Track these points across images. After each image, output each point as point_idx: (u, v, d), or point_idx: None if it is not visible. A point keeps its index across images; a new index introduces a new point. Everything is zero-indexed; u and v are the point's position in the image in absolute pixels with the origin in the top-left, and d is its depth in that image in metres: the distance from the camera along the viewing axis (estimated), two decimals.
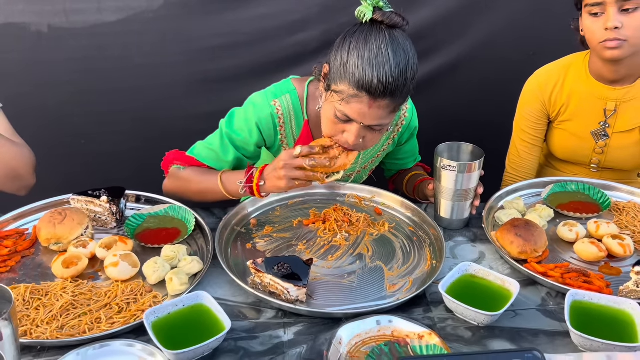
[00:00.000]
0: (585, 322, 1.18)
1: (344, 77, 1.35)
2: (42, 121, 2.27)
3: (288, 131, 1.62)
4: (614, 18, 1.57)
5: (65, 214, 1.44)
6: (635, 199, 1.69)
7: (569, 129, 1.85)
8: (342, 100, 1.36)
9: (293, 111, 1.60)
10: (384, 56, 1.30)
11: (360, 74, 1.31)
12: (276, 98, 1.58)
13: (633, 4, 1.56)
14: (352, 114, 1.37)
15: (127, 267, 1.32)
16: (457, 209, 1.55)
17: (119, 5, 2.16)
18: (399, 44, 1.32)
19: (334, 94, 1.39)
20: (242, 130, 1.59)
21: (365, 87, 1.32)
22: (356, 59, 1.32)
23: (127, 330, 1.18)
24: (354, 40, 1.33)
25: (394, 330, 1.19)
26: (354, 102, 1.35)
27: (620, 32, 1.58)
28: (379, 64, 1.30)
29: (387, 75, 1.30)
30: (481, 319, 1.21)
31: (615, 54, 1.61)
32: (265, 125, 1.59)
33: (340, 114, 1.39)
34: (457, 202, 1.54)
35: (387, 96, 1.33)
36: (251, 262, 1.30)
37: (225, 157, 1.60)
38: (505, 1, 2.28)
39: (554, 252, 1.48)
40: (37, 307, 1.22)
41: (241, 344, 1.18)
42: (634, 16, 1.57)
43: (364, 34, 1.33)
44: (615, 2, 1.56)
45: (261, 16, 2.22)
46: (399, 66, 1.31)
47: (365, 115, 1.37)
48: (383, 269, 1.41)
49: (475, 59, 2.37)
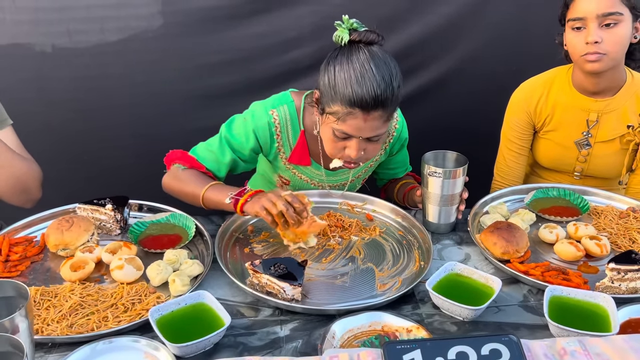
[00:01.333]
0: (563, 315, 1.25)
1: (335, 98, 1.45)
2: (46, 137, 2.34)
3: (285, 140, 1.71)
4: (594, 33, 1.66)
5: (72, 221, 1.52)
6: (613, 203, 1.78)
7: (553, 139, 1.94)
8: (338, 119, 1.47)
9: (290, 121, 1.69)
10: (368, 72, 1.41)
11: (350, 93, 1.42)
12: (274, 108, 1.68)
13: (612, 19, 1.65)
14: (350, 131, 1.48)
15: (131, 269, 1.40)
16: (443, 213, 1.64)
17: (120, 26, 2.25)
18: (379, 58, 1.43)
19: (329, 116, 1.50)
20: (240, 135, 1.68)
21: (357, 104, 1.42)
22: (343, 80, 1.43)
23: (133, 327, 1.25)
24: (337, 63, 1.45)
25: (384, 325, 1.27)
26: (350, 119, 1.46)
27: (600, 46, 1.67)
28: (365, 80, 1.41)
29: (375, 88, 1.41)
30: (466, 313, 1.29)
31: (595, 66, 1.71)
32: (262, 133, 1.68)
33: (339, 133, 1.50)
34: (443, 206, 1.62)
35: (379, 107, 1.43)
36: (249, 264, 1.37)
37: (223, 158, 1.69)
38: (490, 19, 2.38)
39: (535, 253, 1.56)
40: (47, 308, 1.29)
41: (240, 340, 1.25)
42: (613, 31, 1.66)
43: (346, 55, 1.44)
44: (596, 18, 1.65)
45: (257, 34, 2.31)
46: (383, 78, 1.42)
47: (362, 129, 1.47)
48: (374, 270, 1.49)
49: (462, 74, 2.46)
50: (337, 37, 1.47)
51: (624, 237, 1.60)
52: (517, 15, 2.38)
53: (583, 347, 1.01)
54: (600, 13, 1.64)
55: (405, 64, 2.44)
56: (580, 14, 1.67)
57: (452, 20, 2.38)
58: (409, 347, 0.94)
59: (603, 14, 1.64)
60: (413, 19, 2.38)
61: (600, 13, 1.64)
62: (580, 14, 1.67)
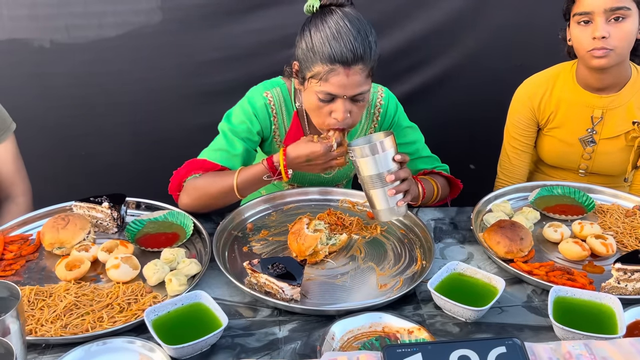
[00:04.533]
0: (568, 316, 1.22)
1: (314, 59, 1.47)
2: (44, 133, 2.33)
3: (280, 122, 1.72)
4: (602, 28, 1.63)
5: (68, 220, 1.49)
6: (619, 201, 1.75)
7: (557, 136, 1.91)
8: (320, 79, 1.48)
9: (283, 102, 1.71)
10: (343, 27, 1.44)
11: (329, 49, 1.44)
12: (268, 90, 1.70)
13: (620, 14, 1.62)
14: (334, 89, 1.48)
15: (127, 269, 1.37)
16: (386, 199, 1.43)
17: (119, 21, 2.23)
18: (352, 16, 1.47)
19: (311, 80, 1.51)
20: (244, 122, 1.68)
21: (337, 59, 1.44)
22: (320, 39, 1.45)
23: (128, 328, 1.23)
24: (312, 26, 1.48)
25: (385, 326, 1.24)
26: (332, 77, 1.46)
27: (607, 42, 1.64)
28: (342, 35, 1.44)
29: (352, 41, 1.44)
30: (468, 314, 1.26)
31: (602, 62, 1.67)
32: (261, 115, 1.69)
33: (323, 94, 1.50)
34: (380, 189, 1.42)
35: (359, 61, 1.46)
36: (247, 263, 1.35)
37: (235, 150, 1.67)
38: (494, 14, 2.36)
39: (539, 252, 1.53)
40: (41, 308, 1.27)
41: (238, 341, 1.23)
42: (621, 26, 1.63)
43: (319, 18, 1.48)
44: (603, 12, 1.62)
45: (256, 30, 2.29)
46: (359, 32, 1.45)
47: (346, 85, 1.47)
48: (375, 270, 1.46)
49: (466, 69, 2.44)
50: (309, 6, 1.51)
51: (630, 236, 1.57)
52: (521, 10, 2.35)
53: (589, 350, 0.99)
54: (607, 7, 1.61)
55: (408, 60, 2.43)
56: (588, 8, 1.64)
57: (455, 15, 2.35)
58: (409, 351, 0.91)
59: (611, 8, 1.61)
60: (416, 14, 2.36)
61: (608, 7, 1.61)
62: (588, 8, 1.64)
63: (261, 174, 1.57)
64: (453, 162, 1.89)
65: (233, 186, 1.59)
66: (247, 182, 1.60)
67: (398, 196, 1.44)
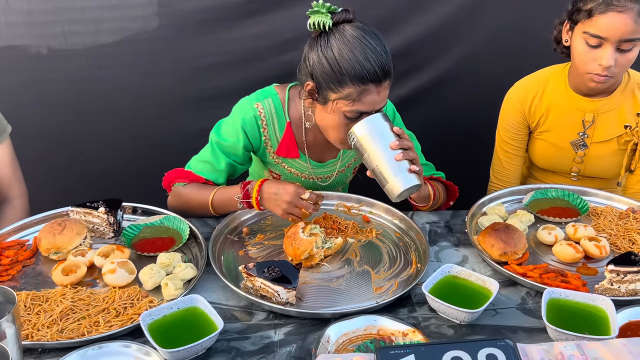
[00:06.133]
0: (562, 318, 1.23)
1: (343, 81, 1.42)
2: (42, 139, 2.34)
3: (271, 133, 1.70)
4: (610, 57, 1.60)
5: (64, 225, 1.50)
6: (613, 203, 1.76)
7: (548, 139, 1.92)
8: (353, 101, 1.45)
9: (275, 113, 1.68)
10: (368, 46, 1.41)
11: (360, 69, 1.40)
12: (259, 101, 1.67)
13: (631, 44, 1.60)
14: (366, 108, 1.46)
15: (124, 273, 1.38)
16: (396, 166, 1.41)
17: (116, 27, 2.24)
18: (367, 31, 1.43)
19: (338, 102, 1.46)
20: (230, 135, 1.67)
21: (369, 79, 1.42)
22: (348, 60, 1.40)
23: (124, 332, 1.23)
24: (331, 47, 1.42)
25: (380, 329, 1.25)
26: (365, 97, 1.44)
27: (611, 70, 1.63)
28: (368, 54, 1.40)
29: (380, 59, 1.42)
30: (462, 316, 1.27)
31: (599, 86, 1.69)
32: (249, 128, 1.67)
33: (353, 114, 1.47)
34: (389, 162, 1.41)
35: (388, 76, 1.45)
36: (243, 267, 1.36)
37: (218, 165, 1.68)
38: (489, 18, 2.37)
39: (534, 255, 1.54)
40: (37, 312, 1.27)
41: (233, 344, 1.23)
42: (627, 56, 1.62)
43: (337, 38, 1.42)
44: (616, 41, 1.59)
45: (253, 36, 2.30)
46: (383, 47, 1.43)
47: (377, 102, 1.47)
48: (370, 273, 1.47)
49: (461, 73, 2.44)
50: (318, 24, 1.43)
51: (624, 238, 1.58)
52: (516, 14, 2.36)
53: (581, 351, 0.99)
54: (623, 38, 1.58)
55: (404, 64, 2.43)
56: (602, 34, 1.59)
57: (450, 20, 2.36)
58: (402, 352, 0.92)
59: (625, 39, 1.58)
60: (411, 19, 2.36)
61: (624, 38, 1.58)
62: (602, 34, 1.59)
63: (236, 195, 1.59)
64: (448, 166, 1.90)
65: (208, 204, 1.63)
66: (222, 202, 1.63)
67: (406, 163, 1.41)
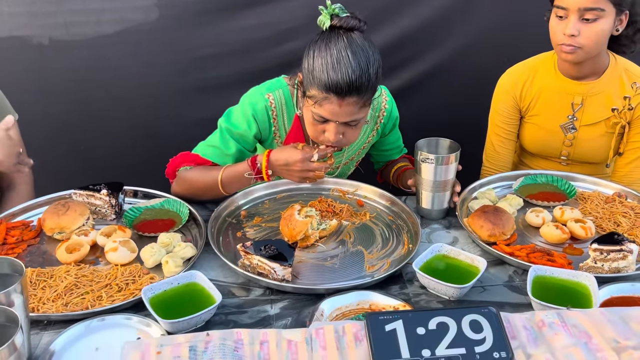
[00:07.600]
0: (546, 294, 1.28)
1: (312, 82, 1.51)
2: (44, 128, 2.38)
3: (280, 124, 1.75)
4: (572, 26, 1.69)
5: (68, 206, 1.55)
6: (600, 188, 1.81)
7: (538, 123, 1.97)
8: (315, 103, 1.52)
9: (285, 105, 1.73)
10: (344, 58, 1.45)
11: (325, 78, 1.47)
12: (270, 92, 1.72)
13: (593, 14, 1.67)
14: (326, 114, 1.53)
15: (125, 252, 1.43)
16: (436, 199, 1.66)
17: (117, 18, 2.28)
18: (357, 45, 1.47)
19: (308, 99, 1.55)
20: (241, 123, 1.72)
21: (331, 89, 1.47)
22: (320, 65, 1.47)
23: (126, 305, 1.28)
24: (316, 48, 1.50)
25: (372, 304, 1.30)
26: (326, 104, 1.51)
27: (576, 39, 1.70)
28: (340, 66, 1.45)
29: (350, 74, 1.45)
30: (451, 292, 1.32)
31: (569, 57, 1.75)
32: (260, 117, 1.72)
33: (317, 116, 1.55)
34: (436, 192, 1.65)
35: (354, 93, 1.48)
36: (240, 245, 1.40)
37: (228, 150, 1.72)
38: (482, 11, 2.42)
39: (522, 237, 1.59)
40: (43, 287, 1.32)
41: (231, 318, 1.28)
42: (591, 27, 1.69)
43: (324, 41, 1.49)
44: (577, 11, 1.68)
45: (252, 26, 2.35)
46: (359, 65, 1.46)
47: (338, 113, 1.52)
48: (363, 253, 1.52)
49: (454, 65, 2.49)
50: (320, 22, 1.51)
51: (609, 221, 1.63)
52: (510, 6, 2.41)
53: (561, 319, 1.05)
54: (582, 7, 1.67)
55: (397, 56, 2.48)
56: (564, 4, 1.69)
57: (444, 12, 2.41)
58: (391, 318, 0.97)
59: (585, 7, 1.66)
60: (406, 11, 2.41)
61: (582, 7, 1.67)
62: (564, 4, 1.69)
63: (244, 171, 1.65)
64: None
65: (218, 181, 1.66)
66: (231, 179, 1.67)
67: (446, 202, 1.67)
